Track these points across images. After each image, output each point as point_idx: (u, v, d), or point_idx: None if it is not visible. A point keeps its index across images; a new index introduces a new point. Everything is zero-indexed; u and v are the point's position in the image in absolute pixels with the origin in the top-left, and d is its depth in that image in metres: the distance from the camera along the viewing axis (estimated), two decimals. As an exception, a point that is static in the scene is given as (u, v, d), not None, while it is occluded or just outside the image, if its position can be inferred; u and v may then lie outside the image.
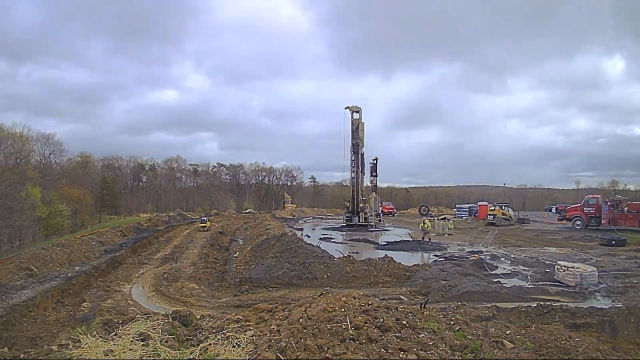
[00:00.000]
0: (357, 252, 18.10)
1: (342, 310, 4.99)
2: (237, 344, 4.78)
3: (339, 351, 4.18)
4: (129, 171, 73.16)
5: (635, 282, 12.20)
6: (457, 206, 48.21)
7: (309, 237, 23.96)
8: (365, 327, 4.59)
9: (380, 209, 36.77)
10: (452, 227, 28.29)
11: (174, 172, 76.33)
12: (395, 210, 52.83)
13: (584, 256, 16.78)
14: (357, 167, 32.10)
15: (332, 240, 23.79)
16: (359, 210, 31.86)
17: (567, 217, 29.90)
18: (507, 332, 5.65)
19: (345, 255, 15.58)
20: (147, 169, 74.90)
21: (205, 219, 34.08)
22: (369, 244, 22.16)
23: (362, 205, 32.05)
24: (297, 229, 29.00)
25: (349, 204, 33.18)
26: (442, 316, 6.24)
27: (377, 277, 13.18)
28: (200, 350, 4.68)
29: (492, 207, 34.44)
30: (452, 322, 5.77)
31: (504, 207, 34.95)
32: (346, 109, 32.35)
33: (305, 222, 40.74)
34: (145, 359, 4.39)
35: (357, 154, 32.01)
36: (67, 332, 8.01)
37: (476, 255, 17.12)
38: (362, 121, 32.08)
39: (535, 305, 8.98)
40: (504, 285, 11.87)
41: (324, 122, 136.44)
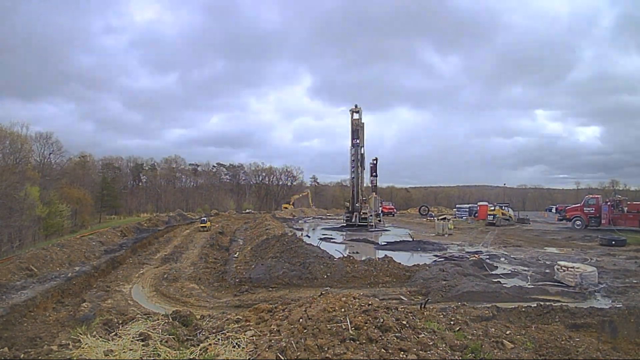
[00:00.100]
0: (357, 252, 18.10)
1: (342, 310, 4.99)
2: (237, 344, 4.79)
3: (339, 351, 4.18)
4: (129, 171, 73.14)
5: (635, 282, 12.20)
6: (457, 206, 48.20)
7: (309, 237, 23.97)
8: (365, 327, 4.59)
9: (380, 209, 36.78)
10: (452, 227, 28.31)
11: (173, 172, 76.28)
12: (395, 210, 52.82)
13: (584, 256, 16.79)
14: (357, 167, 32.11)
15: (332, 240, 23.79)
16: (355, 210, 31.87)
17: (567, 217, 29.91)
18: (507, 332, 5.66)
19: (345, 255, 15.59)
20: (147, 169, 74.85)
21: (205, 219, 34.06)
22: (369, 244, 22.15)
23: (357, 205, 32.08)
24: (297, 229, 29.01)
25: (349, 204, 33.18)
26: (442, 316, 6.25)
27: (377, 277, 13.17)
28: (200, 350, 4.68)
29: (492, 207, 34.45)
30: (452, 322, 5.78)
31: (504, 207, 34.95)
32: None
33: (305, 222, 40.74)
34: (145, 359, 4.39)
35: (357, 154, 32.02)
36: (67, 332, 8.00)
37: (476, 255, 17.12)
38: (362, 121, 32.16)
39: (535, 305, 8.97)
40: (504, 285, 11.86)
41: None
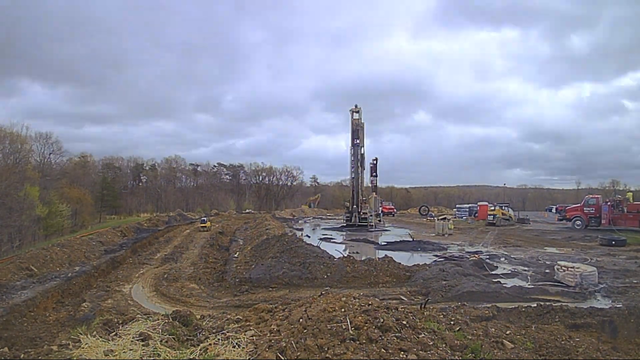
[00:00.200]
0: (357, 252, 18.11)
1: (342, 310, 4.99)
2: (237, 344, 4.79)
3: (339, 351, 4.18)
4: (129, 171, 73.14)
5: (635, 282, 12.20)
6: (457, 206, 48.20)
7: (309, 237, 23.98)
8: (365, 327, 4.58)
9: (380, 209, 36.79)
10: (452, 227, 28.31)
11: (174, 172, 76.27)
12: (395, 210, 52.83)
13: (584, 256, 16.79)
14: (357, 167, 32.12)
15: (332, 240, 23.80)
16: (355, 210, 31.87)
17: (567, 217, 29.91)
18: (507, 332, 5.66)
19: (345, 255, 15.60)
20: (147, 169, 74.86)
21: (205, 219, 34.06)
22: (369, 244, 22.16)
23: (354, 206, 32.12)
24: (297, 229, 29.02)
25: (349, 204, 33.19)
26: (442, 316, 6.24)
27: (377, 277, 13.18)
28: (200, 350, 4.68)
29: (492, 207, 34.45)
30: (452, 322, 5.78)
31: (504, 207, 34.95)
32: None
33: (305, 222, 40.75)
34: (145, 359, 4.39)
35: (357, 154, 32.02)
36: (67, 332, 7.99)
37: (476, 255, 17.13)
38: (362, 121, 32.16)
39: (535, 305, 8.96)
40: (504, 285, 11.86)
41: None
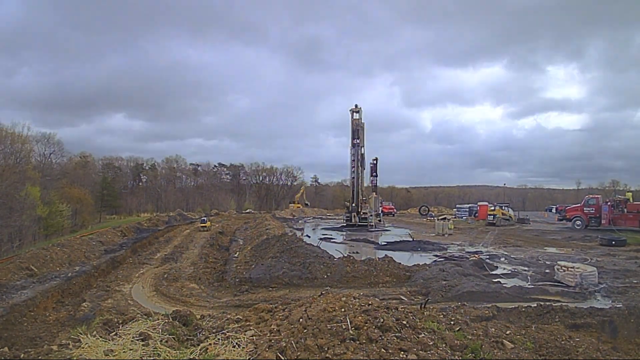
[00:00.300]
0: (357, 252, 18.10)
1: (342, 310, 4.98)
2: (237, 344, 4.79)
3: (339, 351, 4.18)
4: (129, 171, 73.15)
5: (635, 282, 12.19)
6: (457, 206, 48.21)
7: (309, 237, 23.98)
8: (365, 327, 4.58)
9: (380, 209, 36.79)
10: (452, 227, 28.31)
11: (174, 172, 76.29)
12: (395, 210, 52.82)
13: (584, 256, 16.78)
14: (357, 167, 32.11)
15: (332, 240, 23.80)
16: (355, 210, 31.87)
17: (567, 217, 29.91)
18: (507, 332, 5.66)
19: (345, 255, 15.58)
20: (147, 168, 74.87)
21: (205, 219, 34.08)
22: (369, 244, 22.16)
23: (353, 206, 32.15)
24: (297, 229, 29.02)
25: (349, 204, 33.18)
26: (442, 316, 6.24)
27: (377, 277, 13.17)
28: (200, 350, 4.68)
29: (492, 207, 34.45)
30: (452, 322, 5.77)
31: (504, 207, 34.94)
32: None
33: (305, 222, 40.74)
34: (145, 359, 4.39)
35: (357, 154, 32.02)
36: (67, 332, 8.01)
37: (476, 255, 17.12)
38: (363, 121, 32.16)
39: (535, 305, 8.96)
40: (504, 285, 11.86)
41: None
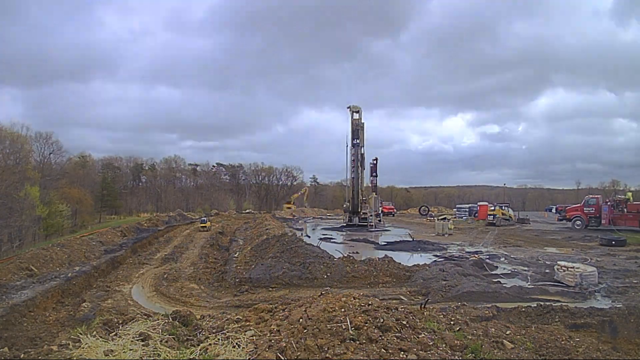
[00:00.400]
0: (357, 252, 18.09)
1: (342, 310, 4.98)
2: (237, 344, 4.79)
3: (339, 351, 4.18)
4: (129, 171, 73.13)
5: (635, 282, 12.19)
6: (457, 206, 48.21)
7: (309, 237, 23.96)
8: (365, 327, 4.58)
9: (380, 209, 36.78)
10: (452, 227, 28.31)
11: (173, 172, 76.27)
12: (395, 210, 52.82)
13: (584, 256, 16.78)
14: (357, 167, 32.11)
15: (332, 240, 23.79)
16: (355, 210, 31.87)
17: (567, 217, 29.91)
18: (507, 332, 5.67)
19: (345, 255, 15.57)
20: (147, 169, 74.85)
21: (205, 219, 34.08)
22: (369, 244, 22.15)
23: (349, 204, 32.15)
24: (297, 229, 29.00)
25: (349, 204, 33.18)
26: (442, 316, 6.24)
27: (377, 277, 13.17)
28: (200, 350, 4.68)
29: (492, 207, 34.45)
30: (452, 322, 5.78)
31: (504, 207, 34.95)
32: (347, 108, 32.41)
33: (305, 222, 40.70)
34: (145, 359, 4.39)
35: (357, 154, 32.02)
36: (67, 332, 8.01)
37: (476, 255, 17.12)
38: (363, 121, 32.15)
39: (535, 305, 8.96)
40: (504, 285, 11.86)
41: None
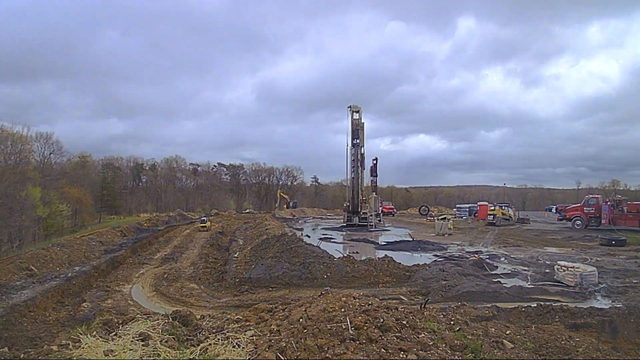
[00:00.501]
0: (357, 252, 18.10)
1: (342, 310, 4.98)
2: (237, 344, 4.79)
3: (339, 351, 4.18)
4: (129, 171, 73.11)
5: (635, 282, 12.20)
6: (457, 206, 48.19)
7: (309, 237, 23.96)
8: (365, 327, 4.58)
9: (380, 209, 36.77)
10: (452, 227, 28.30)
11: (174, 172, 76.26)
12: (395, 210, 52.81)
13: (584, 256, 16.78)
14: (357, 167, 32.10)
15: (332, 240, 23.79)
16: (355, 210, 31.88)
17: (567, 217, 29.91)
18: (507, 332, 5.67)
19: (345, 255, 15.58)
20: (147, 168, 74.83)
21: (205, 219, 34.06)
22: (369, 244, 22.15)
23: (348, 204, 32.19)
24: (297, 229, 29.00)
25: (348, 204, 33.18)
26: (442, 316, 6.25)
27: (377, 277, 13.17)
28: (200, 350, 4.68)
29: (492, 207, 34.45)
30: (452, 322, 5.79)
31: (504, 207, 34.94)
32: (348, 108, 32.40)
33: (305, 222, 40.72)
34: (145, 359, 4.39)
35: (357, 154, 32.01)
36: (67, 332, 8.00)
37: (476, 255, 17.12)
38: (362, 121, 32.15)
39: (535, 305, 8.97)
40: (504, 285, 11.86)
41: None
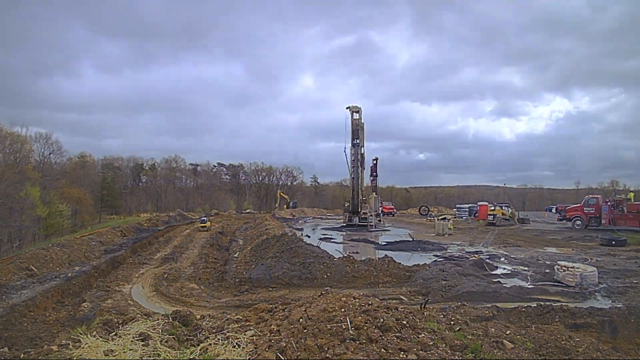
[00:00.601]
0: (357, 252, 18.09)
1: (342, 310, 4.98)
2: (237, 344, 4.79)
3: (339, 351, 4.18)
4: (129, 171, 73.12)
5: (635, 282, 12.19)
6: (457, 206, 48.17)
7: (309, 237, 23.96)
8: (365, 327, 4.58)
9: (380, 209, 36.77)
10: (452, 227, 28.29)
11: (173, 172, 76.26)
12: (395, 210, 52.81)
13: (584, 256, 16.78)
14: (357, 167, 32.10)
15: (332, 240, 23.79)
16: (355, 210, 31.89)
17: (567, 217, 29.90)
18: (507, 332, 5.66)
19: (345, 255, 15.58)
20: (147, 168, 74.83)
21: (205, 219, 34.06)
22: (369, 244, 22.15)
23: (348, 205, 32.19)
24: (297, 229, 29.00)
25: (348, 204, 33.17)
26: (442, 316, 6.25)
27: (377, 277, 13.17)
28: (200, 350, 4.68)
29: (492, 207, 34.45)
30: (452, 322, 5.78)
31: (504, 207, 34.93)
32: (347, 108, 32.36)
33: (305, 222, 40.72)
34: (145, 359, 4.39)
35: (357, 154, 32.01)
36: (67, 332, 8.00)
37: (476, 255, 17.12)
38: (362, 121, 32.13)
39: (535, 305, 8.96)
40: (504, 285, 11.86)
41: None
